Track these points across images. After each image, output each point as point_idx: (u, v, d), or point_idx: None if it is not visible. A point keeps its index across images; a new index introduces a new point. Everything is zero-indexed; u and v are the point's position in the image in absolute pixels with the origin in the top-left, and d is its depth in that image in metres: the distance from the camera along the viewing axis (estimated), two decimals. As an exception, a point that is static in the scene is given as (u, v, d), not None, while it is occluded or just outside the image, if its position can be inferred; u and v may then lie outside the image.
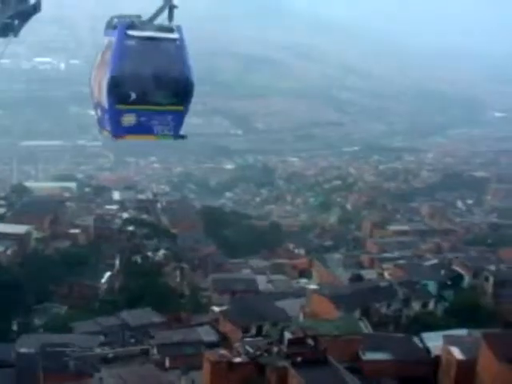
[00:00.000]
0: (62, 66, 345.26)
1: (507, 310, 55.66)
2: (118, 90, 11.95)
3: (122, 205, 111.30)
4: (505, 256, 78.03)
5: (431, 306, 58.57)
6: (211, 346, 45.36)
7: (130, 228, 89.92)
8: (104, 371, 35.08)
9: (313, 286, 64.04)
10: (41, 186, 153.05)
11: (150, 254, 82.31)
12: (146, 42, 12.36)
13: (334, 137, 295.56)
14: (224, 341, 49.33)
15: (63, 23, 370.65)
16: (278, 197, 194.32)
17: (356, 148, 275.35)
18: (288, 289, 73.65)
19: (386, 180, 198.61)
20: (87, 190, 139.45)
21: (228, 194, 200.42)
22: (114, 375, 34.30)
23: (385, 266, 70.20)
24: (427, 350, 42.21)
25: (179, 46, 12.86)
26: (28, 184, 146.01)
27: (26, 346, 44.75)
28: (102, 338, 49.14)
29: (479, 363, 36.86)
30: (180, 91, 12.61)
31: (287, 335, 37.22)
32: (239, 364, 34.33)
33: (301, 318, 54.69)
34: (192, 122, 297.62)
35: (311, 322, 46.24)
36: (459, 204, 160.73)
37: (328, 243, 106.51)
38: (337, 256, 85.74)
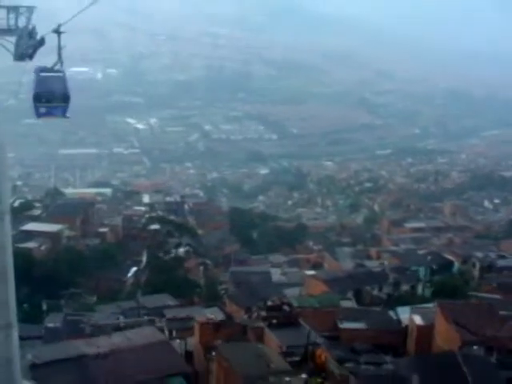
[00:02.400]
0: (99, 75, 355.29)
1: (485, 290, 61.52)
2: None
3: (151, 207, 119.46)
4: (504, 247, 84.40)
5: (419, 289, 65.26)
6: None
7: (154, 226, 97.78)
8: (114, 334, 42.34)
9: (311, 272, 70.87)
10: (77, 191, 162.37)
11: (172, 250, 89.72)
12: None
13: (367, 140, 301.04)
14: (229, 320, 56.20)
15: (100, 34, 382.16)
16: (309, 200, 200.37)
17: (389, 151, 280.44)
18: (300, 280, 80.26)
19: (417, 181, 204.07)
20: (119, 194, 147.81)
21: (261, 198, 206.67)
22: (122, 335, 41.57)
23: (385, 255, 77.09)
24: (399, 321, 48.72)
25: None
26: (66, 190, 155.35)
27: (52, 322, 52.74)
28: (121, 318, 56.35)
29: (435, 327, 43.42)
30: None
31: (268, 303, 44.31)
32: (224, 324, 41.49)
33: (294, 298, 61.22)
34: (227, 128, 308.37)
35: (297, 297, 53.02)
36: (486, 203, 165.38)
37: (346, 240, 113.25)
38: (348, 250, 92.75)
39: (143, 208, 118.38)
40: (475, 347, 37.87)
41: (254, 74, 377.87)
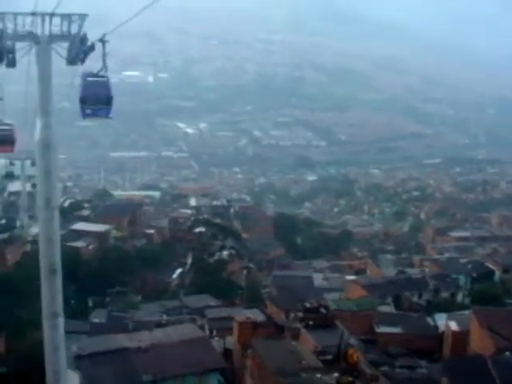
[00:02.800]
0: (151, 79, 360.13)
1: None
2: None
3: (197, 210, 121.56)
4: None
5: (459, 296, 65.70)
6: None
7: (199, 229, 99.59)
8: (155, 330, 44.07)
9: (351, 277, 71.81)
10: (126, 194, 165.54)
11: (216, 252, 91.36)
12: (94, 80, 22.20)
13: (415, 149, 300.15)
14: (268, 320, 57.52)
15: (152, 38, 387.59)
16: (356, 207, 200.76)
17: (437, 160, 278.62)
18: (341, 285, 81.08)
19: (465, 191, 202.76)
20: (167, 197, 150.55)
21: (307, 204, 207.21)
22: (162, 331, 43.27)
23: (426, 263, 77.68)
24: (436, 327, 49.48)
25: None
26: (115, 192, 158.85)
27: (97, 318, 54.76)
28: (164, 316, 58.10)
29: (470, 333, 44.13)
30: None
31: (306, 305, 45.47)
32: (262, 324, 42.84)
33: (335, 302, 62.20)
34: (276, 133, 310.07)
35: (336, 301, 54.07)
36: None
37: (390, 248, 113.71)
38: (390, 257, 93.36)
39: (189, 211, 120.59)
40: (508, 353, 38.46)
41: (304, 79, 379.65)
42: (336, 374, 32.60)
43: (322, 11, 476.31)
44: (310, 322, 42.18)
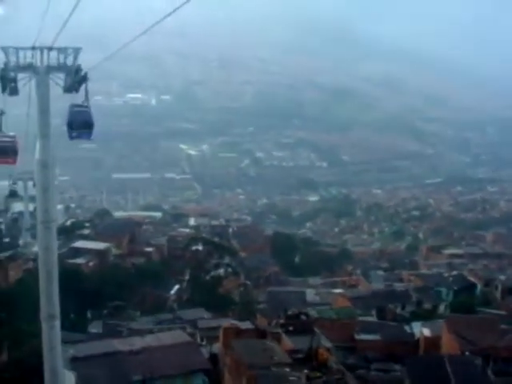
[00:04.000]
0: (153, 101, 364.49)
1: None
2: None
3: (196, 229, 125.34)
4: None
5: (441, 308, 69.20)
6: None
7: (197, 247, 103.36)
8: (146, 336, 47.86)
9: (338, 291, 75.53)
10: (127, 214, 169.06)
11: (212, 270, 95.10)
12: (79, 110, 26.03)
13: (417, 169, 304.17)
14: (254, 328, 61.08)
15: (154, 61, 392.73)
16: (356, 227, 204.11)
17: (439, 180, 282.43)
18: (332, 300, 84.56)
19: (464, 210, 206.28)
20: (166, 216, 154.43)
21: (308, 225, 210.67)
22: (153, 336, 47.08)
23: (412, 278, 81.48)
24: (412, 335, 53.08)
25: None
26: (116, 213, 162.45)
27: (95, 329, 58.60)
28: (157, 326, 61.69)
29: (442, 338, 47.88)
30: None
31: (288, 313, 49.29)
32: (245, 330, 46.58)
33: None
34: (279, 154, 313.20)
35: (317, 310, 57.58)
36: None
37: (384, 265, 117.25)
38: (381, 273, 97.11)
39: (188, 230, 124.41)
40: (467, 353, 42.16)
41: (306, 100, 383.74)
42: (306, 371, 36.28)
43: (322, 32, 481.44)
44: (290, 328, 45.90)
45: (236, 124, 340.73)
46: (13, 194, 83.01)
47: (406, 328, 54.14)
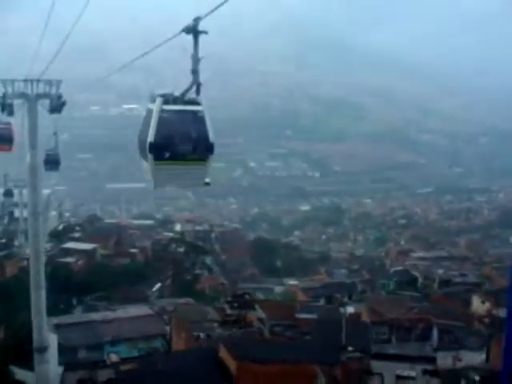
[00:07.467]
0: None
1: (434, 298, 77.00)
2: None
3: (181, 234, 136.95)
4: (485, 271, 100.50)
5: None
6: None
7: (180, 249, 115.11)
8: (117, 310, 60.17)
9: (292, 282, 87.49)
10: (118, 221, 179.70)
11: (193, 270, 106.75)
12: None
13: (409, 179, 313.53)
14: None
15: (150, 71, 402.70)
16: (343, 235, 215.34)
17: (430, 190, 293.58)
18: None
19: (449, 218, 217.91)
20: (154, 222, 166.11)
21: (296, 233, 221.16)
22: (123, 310, 59.37)
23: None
24: (344, 314, 64.94)
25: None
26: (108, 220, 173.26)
27: (78, 312, 70.60)
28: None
29: (362, 313, 59.89)
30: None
31: (235, 293, 61.27)
32: (193, 304, 58.85)
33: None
34: (272, 164, 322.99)
35: (264, 293, 69.50)
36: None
37: (355, 267, 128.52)
38: (344, 272, 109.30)
39: (172, 234, 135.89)
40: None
41: (300, 111, 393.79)
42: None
43: (318, 43, 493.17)
44: (235, 304, 57.78)
45: (229, 134, 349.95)
46: (8, 193, 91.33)
47: (342, 310, 65.74)
